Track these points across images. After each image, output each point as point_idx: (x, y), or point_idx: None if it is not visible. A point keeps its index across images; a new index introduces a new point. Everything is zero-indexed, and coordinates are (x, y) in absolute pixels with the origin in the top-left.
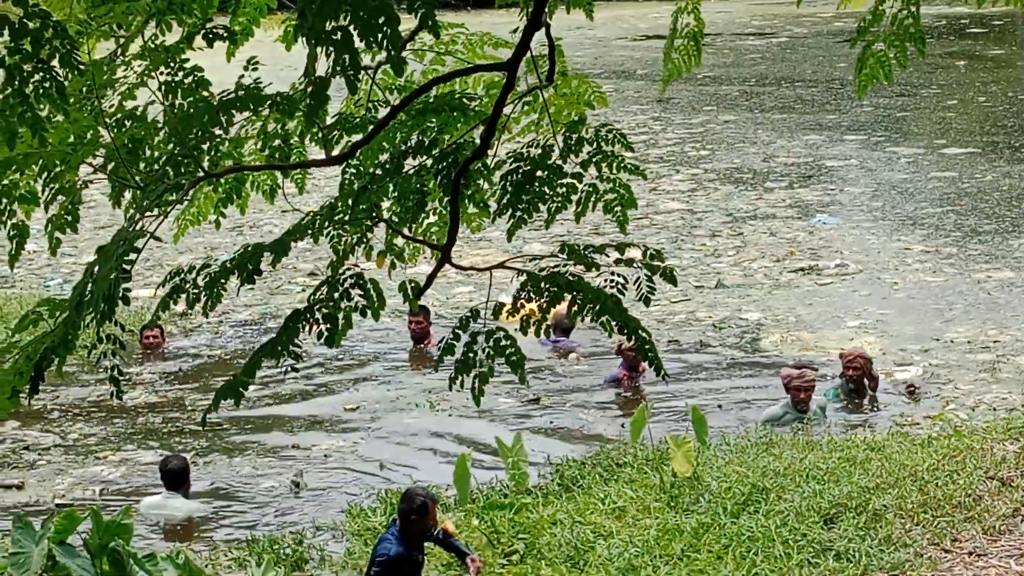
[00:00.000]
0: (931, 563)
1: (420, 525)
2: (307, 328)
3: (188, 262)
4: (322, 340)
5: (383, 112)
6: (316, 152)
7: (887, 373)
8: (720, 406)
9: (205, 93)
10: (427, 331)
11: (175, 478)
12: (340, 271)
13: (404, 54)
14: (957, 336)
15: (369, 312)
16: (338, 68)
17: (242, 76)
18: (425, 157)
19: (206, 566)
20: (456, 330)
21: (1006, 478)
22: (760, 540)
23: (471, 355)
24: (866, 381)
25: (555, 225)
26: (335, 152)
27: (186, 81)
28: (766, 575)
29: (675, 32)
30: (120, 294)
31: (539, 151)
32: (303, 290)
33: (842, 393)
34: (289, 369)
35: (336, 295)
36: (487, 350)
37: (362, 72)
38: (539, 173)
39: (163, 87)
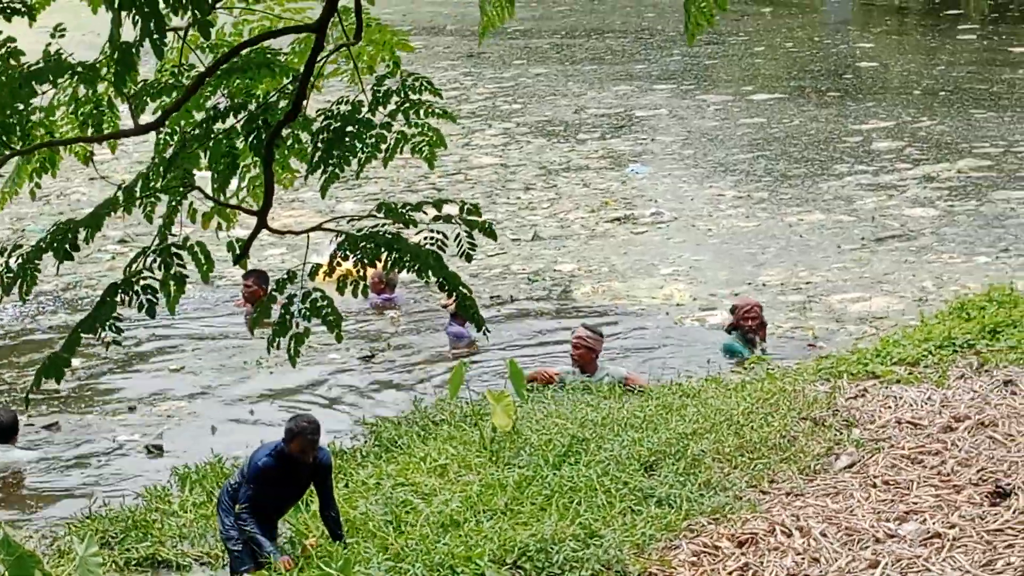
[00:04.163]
0: (750, 505)
1: (288, 447)
2: (126, 301)
3: (6, 239)
4: (143, 311)
5: (194, 75)
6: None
7: (699, 320)
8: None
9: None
10: (260, 295)
11: (6, 431)
12: (155, 243)
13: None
14: (769, 279)
15: (199, 274)
16: (145, 35)
17: (49, 44)
18: (235, 119)
19: (27, 541)
20: (272, 292)
21: (819, 418)
22: (582, 490)
23: (287, 317)
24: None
25: (369, 183)
26: (148, 116)
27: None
28: (590, 524)
29: None
30: None
31: (348, 108)
32: (113, 258)
33: (738, 343)
34: (111, 343)
35: (157, 265)
36: (303, 311)
37: (173, 33)
38: (349, 128)
39: None
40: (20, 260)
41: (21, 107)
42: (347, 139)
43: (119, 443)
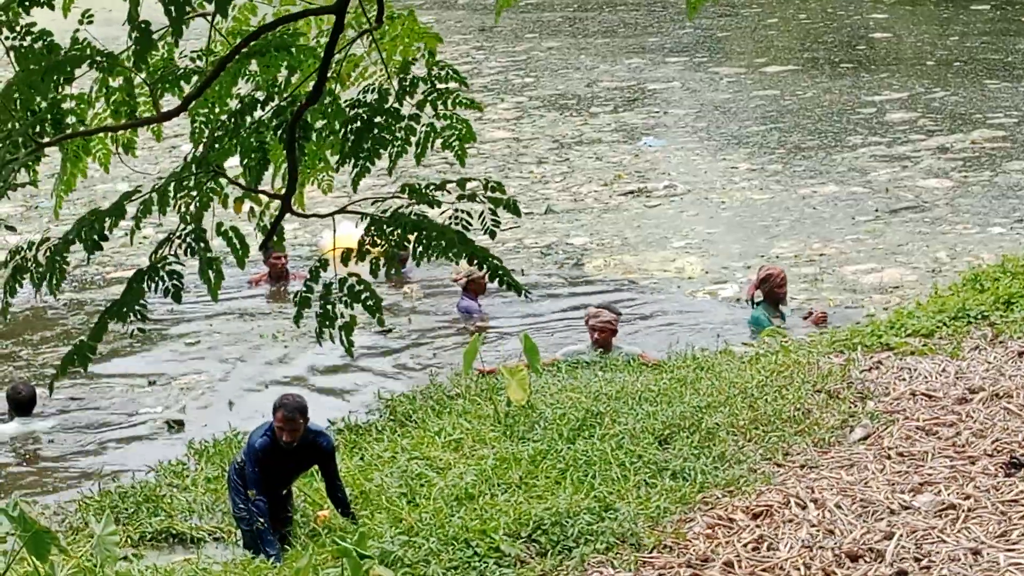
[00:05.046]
0: (765, 478)
1: (276, 423)
2: (152, 287)
3: (18, 216)
4: (169, 296)
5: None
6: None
7: (711, 293)
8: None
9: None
10: (285, 264)
11: (27, 405)
12: (181, 228)
13: None
14: (783, 251)
15: (234, 260)
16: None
17: (77, 31)
18: (262, 113)
19: (41, 517)
20: (307, 283)
21: (833, 391)
22: (597, 463)
23: (330, 307)
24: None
25: (381, 159)
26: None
27: (36, 46)
28: (604, 497)
29: None
30: None
31: (375, 96)
32: (125, 234)
33: (768, 315)
34: (136, 331)
35: (184, 251)
36: (344, 299)
37: (207, 18)
38: (378, 119)
39: (11, 52)
40: (48, 253)
41: (48, 99)
42: (376, 130)
43: (138, 417)
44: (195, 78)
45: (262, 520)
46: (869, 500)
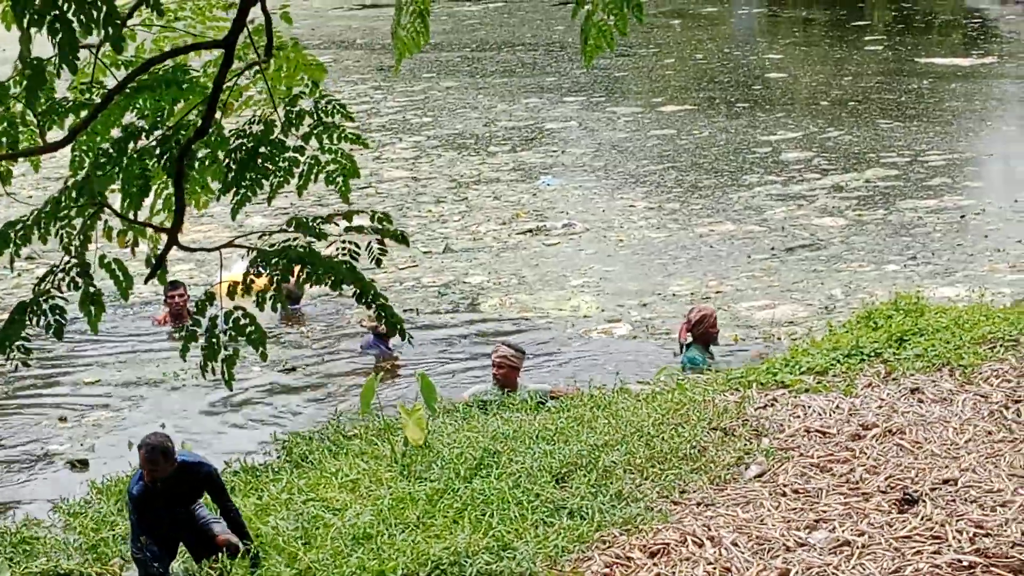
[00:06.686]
0: (662, 515)
1: (140, 462)
2: (34, 321)
3: None
4: (51, 332)
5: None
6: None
7: (605, 332)
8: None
9: None
10: (187, 302)
11: None
12: (64, 261)
13: (133, 24)
14: (679, 289)
15: (118, 292)
16: (62, 53)
17: None
18: (147, 140)
19: None
20: (194, 316)
21: (728, 428)
22: (495, 502)
23: (214, 340)
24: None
25: (278, 197)
26: (62, 134)
27: None
28: (503, 536)
29: (400, 10)
30: None
31: (261, 127)
32: (19, 275)
33: (700, 354)
34: (19, 365)
35: (67, 284)
36: (228, 332)
37: (91, 50)
38: (262, 149)
39: None
40: None
41: None
42: (260, 160)
43: (43, 456)
44: (84, 112)
45: (156, 565)
46: (765, 537)
